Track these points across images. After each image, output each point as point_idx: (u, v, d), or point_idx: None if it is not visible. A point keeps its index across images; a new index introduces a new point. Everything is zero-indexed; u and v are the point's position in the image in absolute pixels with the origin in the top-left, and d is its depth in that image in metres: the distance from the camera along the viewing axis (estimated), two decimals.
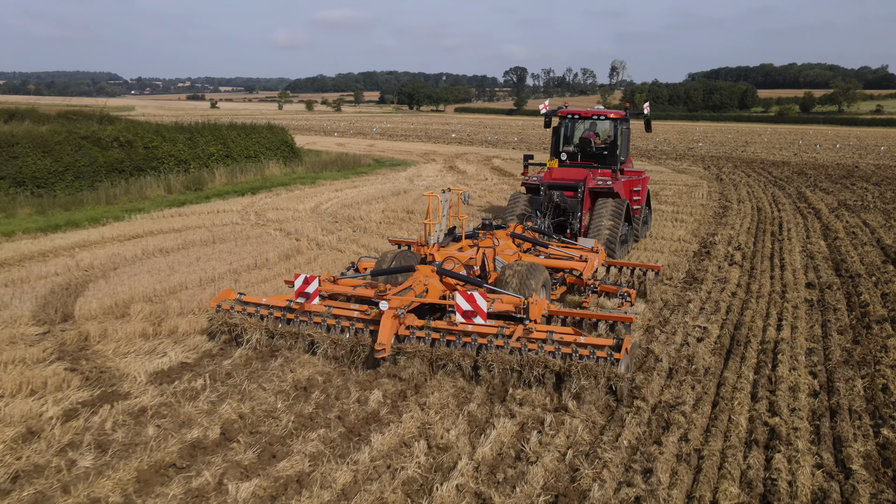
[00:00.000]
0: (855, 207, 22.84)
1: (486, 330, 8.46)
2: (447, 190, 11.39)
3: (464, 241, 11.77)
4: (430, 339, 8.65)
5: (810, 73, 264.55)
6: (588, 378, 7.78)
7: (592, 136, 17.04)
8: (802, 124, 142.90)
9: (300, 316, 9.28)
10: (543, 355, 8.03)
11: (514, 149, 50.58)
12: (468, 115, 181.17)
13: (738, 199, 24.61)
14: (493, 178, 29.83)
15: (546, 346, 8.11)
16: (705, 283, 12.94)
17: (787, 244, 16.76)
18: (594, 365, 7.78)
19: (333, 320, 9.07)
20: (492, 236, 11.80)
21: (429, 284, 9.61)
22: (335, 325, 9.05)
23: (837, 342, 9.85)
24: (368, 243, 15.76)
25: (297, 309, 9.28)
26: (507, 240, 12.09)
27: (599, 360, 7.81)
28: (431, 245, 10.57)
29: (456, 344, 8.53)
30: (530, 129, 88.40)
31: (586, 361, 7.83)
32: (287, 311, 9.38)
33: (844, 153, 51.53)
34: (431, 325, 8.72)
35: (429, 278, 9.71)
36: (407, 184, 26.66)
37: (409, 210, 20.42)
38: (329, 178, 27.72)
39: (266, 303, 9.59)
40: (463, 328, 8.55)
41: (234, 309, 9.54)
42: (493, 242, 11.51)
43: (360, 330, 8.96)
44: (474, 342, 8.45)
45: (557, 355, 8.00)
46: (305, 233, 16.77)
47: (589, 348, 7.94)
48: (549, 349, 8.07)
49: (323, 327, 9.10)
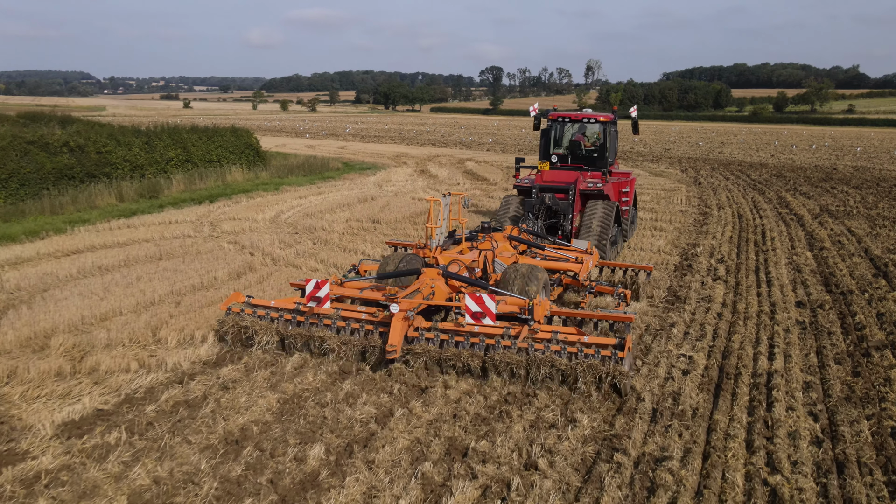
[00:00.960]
0: (838, 213, 22.12)
1: (493, 331, 8.71)
2: (447, 194, 11.98)
3: (464, 244, 11.99)
4: (439, 340, 8.87)
5: (783, 72, 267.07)
6: (593, 376, 8.07)
7: (582, 138, 17.25)
8: (776, 124, 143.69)
9: (310, 318, 9.46)
10: (550, 355, 8.30)
11: (488, 150, 49.62)
12: (444, 114, 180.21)
13: (718, 205, 23.81)
14: (465, 182, 28.80)
15: (552, 345, 8.40)
16: (689, 302, 12.00)
17: (772, 255, 15.90)
18: (599, 364, 8.07)
19: (343, 322, 9.29)
20: (490, 239, 12.09)
21: (435, 287, 9.91)
22: (345, 327, 9.26)
23: (836, 374, 8.93)
24: (328, 258, 14.66)
25: (307, 311, 9.45)
26: (504, 242, 12.49)
27: (604, 359, 8.13)
28: (434, 248, 10.92)
29: (464, 345, 8.75)
30: (506, 129, 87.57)
31: (592, 360, 8.13)
32: (297, 313, 9.56)
33: (821, 154, 51.18)
34: (439, 327, 8.99)
35: (435, 281, 10.02)
36: (375, 190, 25.54)
37: (374, 219, 19.32)
38: (294, 184, 26.52)
39: (275, 305, 9.79)
40: (469, 329, 8.77)
41: (245, 312, 9.72)
42: (492, 245, 11.80)
43: (369, 332, 9.17)
44: (482, 343, 8.69)
45: (563, 355, 8.29)
46: (261, 246, 15.62)
47: (594, 347, 8.27)
48: (556, 349, 8.36)
49: (333, 329, 9.29)
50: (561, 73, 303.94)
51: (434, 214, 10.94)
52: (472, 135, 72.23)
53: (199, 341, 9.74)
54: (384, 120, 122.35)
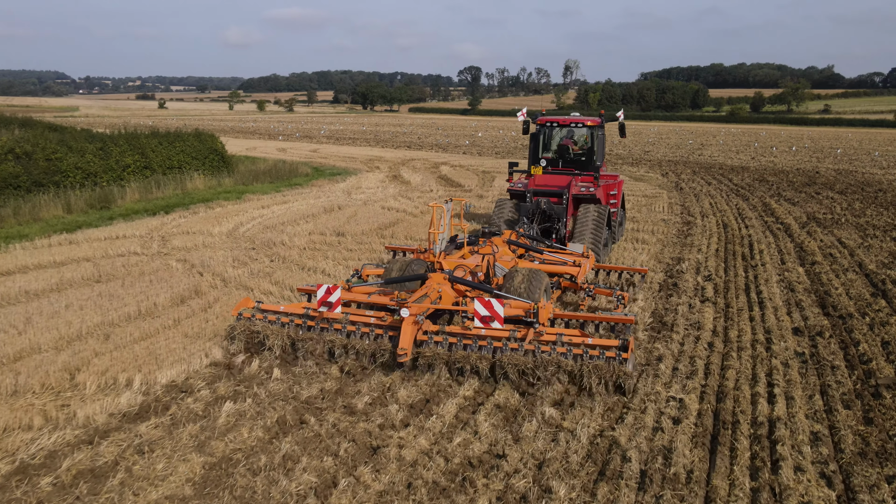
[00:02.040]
0: (826, 222, 21.22)
1: (499, 333, 8.93)
2: (449, 200, 12.42)
3: (465, 249, 12.16)
4: (448, 343, 9.06)
5: (759, 72, 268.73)
6: (598, 377, 8.31)
7: (570, 142, 17.33)
8: (753, 124, 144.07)
9: (321, 323, 9.67)
10: (556, 356, 8.55)
11: (464, 153, 48.49)
12: (422, 115, 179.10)
13: (702, 213, 22.84)
14: (438, 189, 27.62)
15: (559, 347, 8.63)
16: (676, 329, 10.92)
17: (762, 271, 14.89)
18: (604, 365, 8.35)
19: (353, 326, 9.50)
20: (491, 244, 12.52)
21: (442, 292, 10.09)
22: (355, 332, 9.46)
23: (846, 421, 7.87)
24: (284, 279, 13.43)
25: (317, 316, 9.67)
26: (503, 246, 12.78)
27: (609, 360, 8.39)
28: (438, 253, 10.95)
29: (472, 348, 8.93)
30: (483, 130, 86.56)
31: (597, 361, 8.41)
32: (307, 318, 9.73)
33: (802, 157, 50.60)
34: (446, 330, 9.18)
35: (441, 285, 10.19)
36: (343, 198, 24.29)
37: (339, 232, 18.08)
38: (258, 192, 25.18)
39: (284, 310, 9.95)
40: (476, 332, 8.98)
41: (255, 317, 9.84)
42: (493, 249, 12.15)
43: (379, 336, 9.36)
44: (490, 345, 8.89)
45: (569, 356, 8.54)
46: (212, 265, 14.37)
47: (598, 349, 8.56)
48: (562, 350, 8.60)
49: (343, 333, 9.49)
50: (539, 73, 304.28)
51: (437, 220, 11.16)
52: (449, 136, 71.10)
53: (122, 386, 8.50)
54: (361, 121, 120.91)
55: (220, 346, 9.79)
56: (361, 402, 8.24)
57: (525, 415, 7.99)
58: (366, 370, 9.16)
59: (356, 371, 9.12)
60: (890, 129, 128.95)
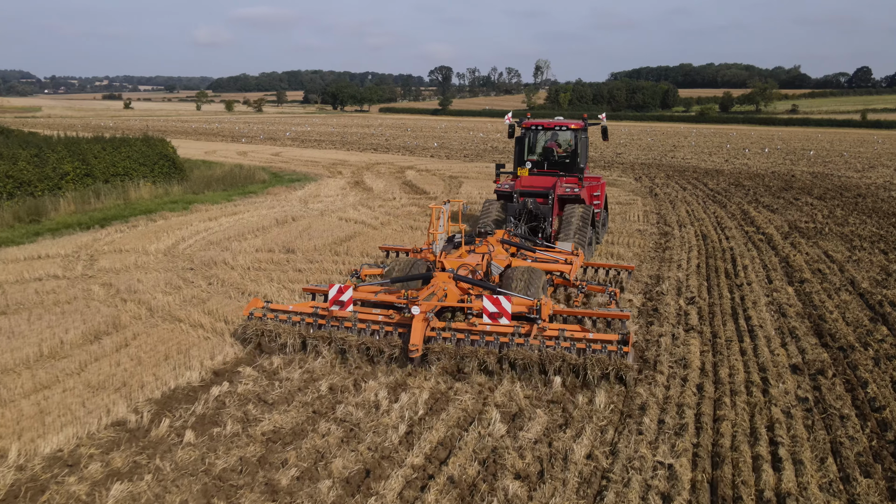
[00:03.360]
0: (809, 232, 20.12)
1: (504, 329, 9.28)
2: (447, 202, 12.97)
3: (463, 248, 12.44)
4: (456, 339, 9.35)
5: (727, 72, 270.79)
6: (601, 369, 8.73)
7: (554, 145, 17.74)
8: (723, 124, 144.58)
9: (331, 321, 9.92)
10: (561, 350, 8.91)
11: (432, 156, 47.03)
12: (392, 115, 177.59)
13: (679, 222, 21.64)
14: (402, 197, 26.13)
15: (563, 342, 8.97)
16: (660, 368, 9.57)
17: (749, 292, 13.64)
18: (606, 358, 8.75)
19: (363, 324, 9.79)
20: (487, 243, 12.80)
21: (447, 290, 10.39)
22: (365, 329, 9.77)
23: (867, 494, 6.57)
24: (218, 308, 11.88)
25: (328, 315, 9.93)
26: (498, 246, 13.06)
27: (611, 354, 8.79)
28: (440, 253, 11.33)
29: (479, 343, 9.28)
30: (452, 132, 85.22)
31: (599, 355, 8.78)
32: (317, 316, 9.98)
33: (775, 159, 49.89)
34: (453, 327, 9.46)
35: (447, 284, 10.49)
36: (299, 208, 22.71)
37: (289, 248, 16.54)
38: (208, 202, 23.48)
39: (294, 309, 10.20)
40: (482, 328, 9.33)
41: (267, 316, 10.08)
42: (489, 249, 12.54)
43: (388, 333, 9.70)
44: (496, 341, 9.23)
45: (573, 350, 8.90)
46: (141, 291, 12.79)
47: (600, 343, 8.92)
48: (566, 345, 8.95)
49: (354, 331, 9.76)
50: (510, 73, 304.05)
51: (436, 221, 11.75)
52: (418, 138, 69.63)
53: None
54: (329, 122, 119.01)
55: (127, 399, 8.27)
56: (287, 476, 6.78)
57: (484, 492, 6.58)
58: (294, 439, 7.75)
59: (284, 436, 7.66)
60: (857, 129, 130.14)
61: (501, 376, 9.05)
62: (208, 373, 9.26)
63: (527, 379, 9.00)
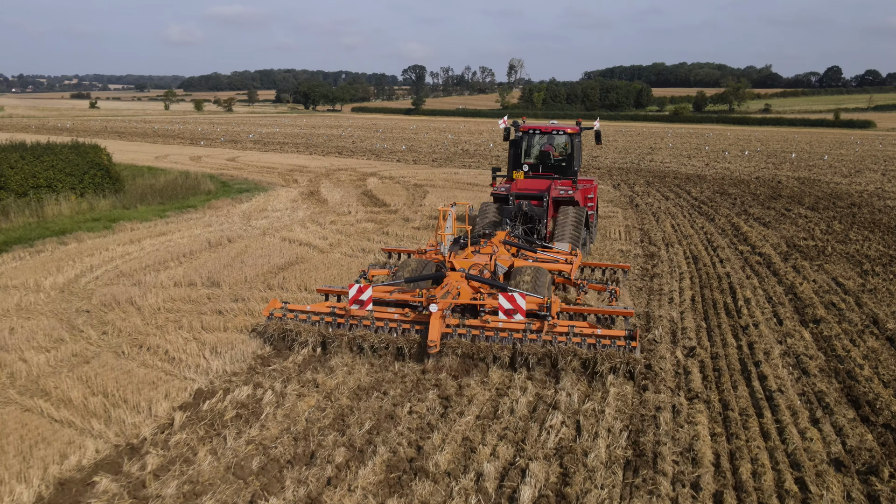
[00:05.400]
0: (809, 251, 17.98)
1: (515, 326, 9.80)
2: (454, 204, 14.03)
3: (469, 248, 12.90)
4: (471, 335, 9.89)
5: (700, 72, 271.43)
6: (611, 363, 9.20)
7: (550, 148, 18.12)
8: (697, 123, 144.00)
9: (350, 320, 10.39)
10: (572, 346, 9.45)
11: (398, 161, 44.51)
12: (364, 115, 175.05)
13: (665, 240, 19.41)
14: (358, 210, 23.60)
15: (574, 338, 9.55)
16: (661, 464, 7.25)
17: (757, 336, 11.36)
18: (616, 352, 9.33)
19: (381, 322, 10.28)
20: (491, 244, 13.36)
21: (460, 289, 10.81)
22: (383, 327, 10.24)
23: None
24: (98, 375, 9.33)
25: (346, 314, 10.38)
26: (501, 246, 13.49)
27: (620, 349, 9.39)
28: (449, 254, 12.14)
29: (493, 339, 9.78)
30: (423, 133, 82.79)
31: (609, 350, 9.37)
32: (336, 315, 10.47)
33: (757, 163, 48.01)
34: (466, 324, 10.00)
35: (459, 283, 10.95)
36: (239, 225, 20.10)
37: (214, 280, 14.00)
38: (137, 218, 20.73)
39: (311, 309, 10.69)
40: (494, 325, 9.83)
41: (287, 316, 10.60)
42: (493, 249, 13.03)
43: (406, 330, 10.17)
44: (510, 337, 9.74)
45: (584, 345, 9.48)
46: (8, 347, 10.21)
47: (609, 338, 9.52)
48: (577, 340, 9.53)
49: (372, 329, 10.25)
50: (484, 72, 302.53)
51: (444, 222, 12.39)
52: (387, 140, 67.11)
53: None
54: (299, 122, 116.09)
55: None
56: None
57: None
58: None
59: None
60: (831, 128, 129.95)
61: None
62: (49, 486, 6.76)
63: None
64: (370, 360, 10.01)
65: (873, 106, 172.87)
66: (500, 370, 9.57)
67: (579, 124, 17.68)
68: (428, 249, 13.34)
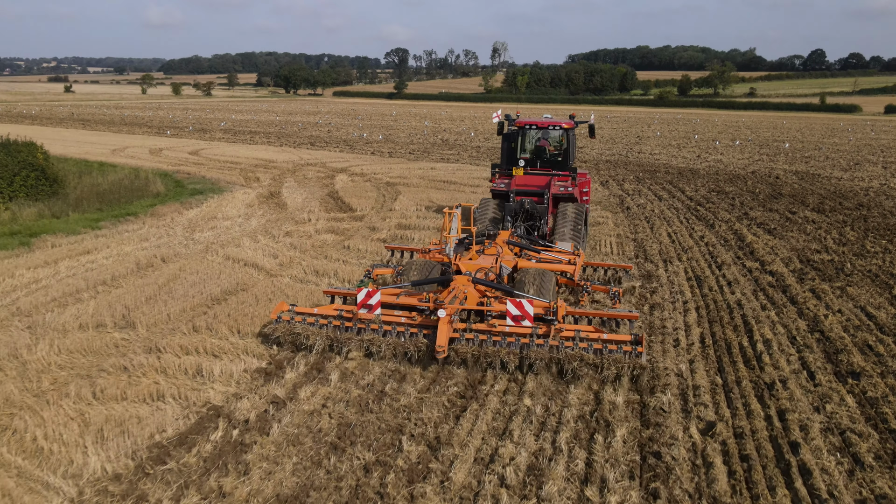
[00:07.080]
0: (826, 269, 15.82)
1: (522, 330, 9.75)
2: (458, 206, 13.49)
3: (473, 250, 12.75)
4: (479, 340, 9.76)
5: (684, 55, 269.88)
6: (618, 369, 9.17)
7: (545, 143, 17.93)
8: (683, 108, 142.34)
9: (358, 323, 10.26)
10: (579, 351, 9.38)
11: (373, 153, 42.00)
12: (346, 99, 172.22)
13: (663, 254, 17.18)
14: (320, 217, 21.15)
15: (580, 342, 9.48)
16: None
17: (787, 401, 9.14)
18: (622, 358, 9.23)
19: (389, 326, 10.12)
20: (495, 245, 13.38)
21: (467, 293, 10.71)
22: (391, 331, 10.08)
23: None
24: None
25: (353, 317, 10.23)
26: (505, 247, 13.56)
27: (626, 354, 9.28)
28: (454, 255, 12.14)
29: (501, 344, 9.69)
30: (403, 120, 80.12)
31: (616, 355, 9.25)
32: (344, 318, 10.30)
33: (750, 154, 45.89)
34: (473, 328, 9.95)
35: (466, 287, 10.89)
36: (180, 239, 17.60)
37: (129, 321, 11.57)
38: (63, 231, 18.11)
39: (319, 312, 10.54)
40: (501, 329, 9.80)
41: (295, 320, 10.39)
42: (498, 250, 13.14)
43: (414, 334, 10.02)
44: (517, 342, 9.69)
45: (590, 350, 9.35)
46: None
47: (615, 343, 9.44)
48: (583, 345, 9.44)
49: (380, 333, 10.07)
50: (467, 56, 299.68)
51: (449, 224, 12.39)
52: (365, 128, 64.52)
53: None
54: (277, 108, 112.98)
55: None
56: None
57: None
58: None
59: None
60: (817, 112, 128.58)
61: None
62: None
63: None
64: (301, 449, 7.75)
65: (858, 90, 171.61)
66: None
67: (573, 119, 17.75)
68: (431, 248, 13.39)
